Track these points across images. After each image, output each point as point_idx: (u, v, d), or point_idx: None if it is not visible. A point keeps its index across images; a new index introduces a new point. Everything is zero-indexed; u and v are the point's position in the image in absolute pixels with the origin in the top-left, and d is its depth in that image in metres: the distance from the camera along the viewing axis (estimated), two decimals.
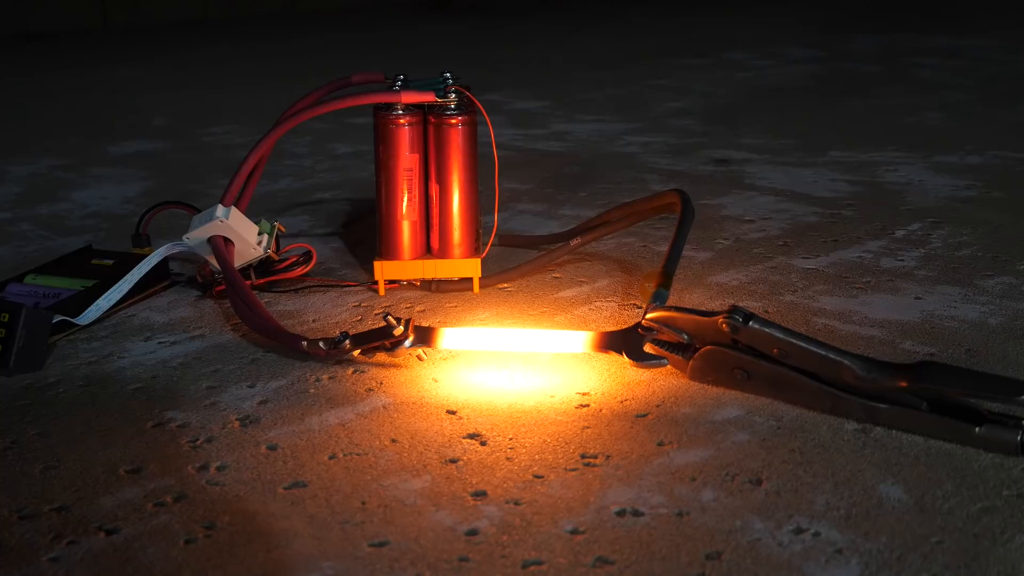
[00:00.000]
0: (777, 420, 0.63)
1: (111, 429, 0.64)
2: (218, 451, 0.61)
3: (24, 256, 1.01)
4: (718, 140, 1.47)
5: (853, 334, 0.76)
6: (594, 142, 1.48)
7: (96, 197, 1.24)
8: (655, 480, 0.57)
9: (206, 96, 1.99)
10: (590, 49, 2.59)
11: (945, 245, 0.96)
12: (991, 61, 2.16)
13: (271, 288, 0.88)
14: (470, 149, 0.85)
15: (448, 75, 0.84)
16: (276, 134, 0.85)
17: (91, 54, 2.70)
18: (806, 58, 2.28)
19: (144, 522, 0.54)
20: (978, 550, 0.50)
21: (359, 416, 0.65)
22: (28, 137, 1.63)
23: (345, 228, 1.08)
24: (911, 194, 1.14)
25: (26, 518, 0.55)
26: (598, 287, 0.87)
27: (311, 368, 0.73)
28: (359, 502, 0.55)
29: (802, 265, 0.92)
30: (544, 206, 1.14)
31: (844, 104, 1.73)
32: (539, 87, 1.99)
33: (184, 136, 1.61)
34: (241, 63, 2.46)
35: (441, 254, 0.87)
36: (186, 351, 0.76)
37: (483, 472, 0.58)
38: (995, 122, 1.54)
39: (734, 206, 1.11)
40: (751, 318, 0.64)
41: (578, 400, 0.67)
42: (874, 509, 0.53)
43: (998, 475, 0.56)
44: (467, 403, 0.67)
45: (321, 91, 0.90)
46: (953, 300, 0.82)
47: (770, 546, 0.51)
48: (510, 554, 0.51)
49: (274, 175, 1.31)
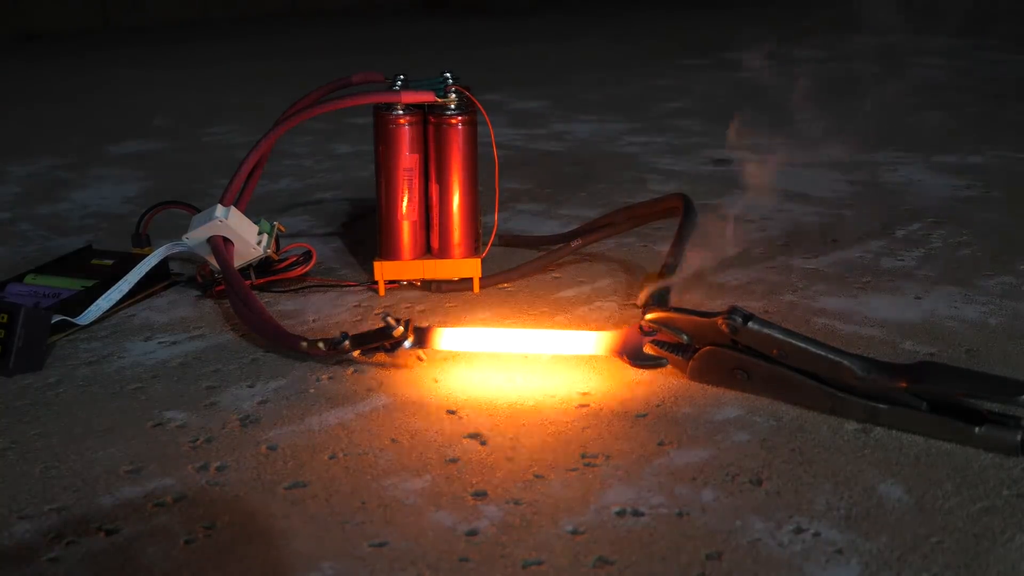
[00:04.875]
0: (777, 420, 0.63)
1: (111, 429, 0.64)
2: (218, 451, 0.61)
3: (24, 256, 1.01)
4: (718, 140, 1.47)
5: (853, 334, 0.76)
6: (594, 142, 1.48)
7: (96, 197, 1.24)
8: (655, 480, 0.57)
9: (206, 96, 1.99)
10: (590, 49, 2.59)
11: (945, 245, 0.96)
12: (991, 61, 2.16)
13: (271, 288, 0.88)
14: (470, 149, 0.85)
15: (448, 75, 0.84)
16: (276, 134, 0.85)
17: (91, 54, 2.70)
18: (806, 58, 2.28)
19: (144, 522, 0.54)
20: (978, 550, 0.50)
21: (359, 416, 0.65)
22: (28, 137, 1.63)
23: (345, 228, 1.08)
24: (911, 194, 1.14)
25: (26, 518, 0.55)
26: (598, 287, 0.87)
27: (311, 368, 0.73)
28: (359, 502, 0.55)
29: (802, 265, 0.92)
30: (544, 206, 1.14)
31: (844, 104, 1.73)
32: (539, 87, 1.99)
33: (184, 136, 1.61)
34: (241, 63, 2.46)
35: (441, 254, 0.87)
36: (186, 351, 0.76)
37: (483, 472, 0.58)
38: (995, 122, 1.54)
39: (734, 206, 1.11)
40: (750, 318, 0.64)
41: (578, 400, 0.66)
42: (874, 509, 0.53)
43: (998, 475, 0.56)
44: (467, 403, 0.67)
45: (321, 91, 0.90)
46: (953, 300, 0.82)
47: (770, 546, 0.51)
48: (510, 554, 0.51)
49: (274, 175, 1.31)
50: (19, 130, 1.71)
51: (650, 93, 1.89)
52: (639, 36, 2.84)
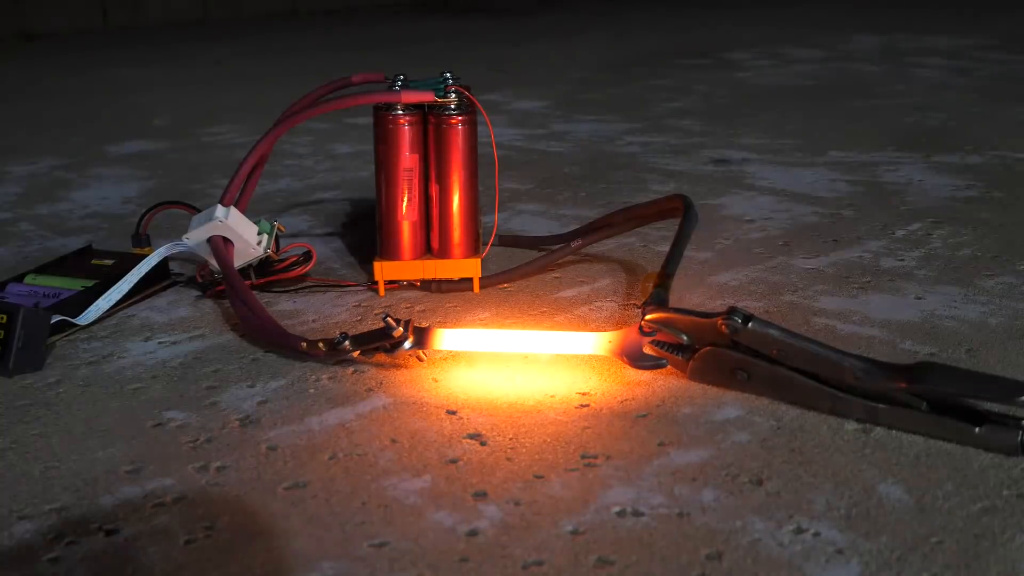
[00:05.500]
0: (777, 420, 0.63)
1: (111, 429, 0.64)
2: (218, 451, 0.61)
3: (24, 256, 1.01)
4: (718, 140, 1.47)
5: (853, 334, 0.76)
6: (594, 142, 1.48)
7: (96, 197, 1.24)
8: (655, 480, 0.57)
9: (206, 96, 1.99)
10: (590, 49, 2.59)
11: (945, 245, 0.96)
12: (991, 61, 2.16)
13: (271, 288, 0.88)
14: (470, 149, 0.85)
15: (448, 75, 0.84)
16: (276, 134, 0.85)
17: (91, 54, 2.70)
18: (806, 58, 2.28)
19: (144, 522, 0.54)
20: (978, 550, 0.50)
21: (359, 416, 0.65)
22: (28, 137, 1.63)
23: (345, 228, 1.08)
24: (911, 194, 1.14)
25: (26, 518, 0.55)
26: (598, 287, 0.87)
27: (311, 368, 0.73)
28: (359, 502, 0.55)
29: (802, 265, 0.92)
30: (544, 206, 1.14)
31: (844, 104, 1.73)
32: (539, 87, 1.99)
33: (184, 136, 1.61)
34: (241, 63, 2.46)
35: (441, 254, 0.87)
36: (186, 351, 0.76)
37: (483, 472, 0.58)
38: (995, 122, 1.54)
39: (734, 206, 1.11)
40: (750, 319, 0.64)
41: (578, 400, 0.66)
42: (874, 509, 0.53)
43: (998, 475, 0.56)
44: (467, 403, 0.67)
45: (321, 91, 0.90)
46: (953, 300, 0.82)
47: (770, 546, 0.51)
48: (510, 554, 0.51)
49: (274, 175, 1.31)
50: (19, 130, 1.71)
51: (650, 93, 1.89)
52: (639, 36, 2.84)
